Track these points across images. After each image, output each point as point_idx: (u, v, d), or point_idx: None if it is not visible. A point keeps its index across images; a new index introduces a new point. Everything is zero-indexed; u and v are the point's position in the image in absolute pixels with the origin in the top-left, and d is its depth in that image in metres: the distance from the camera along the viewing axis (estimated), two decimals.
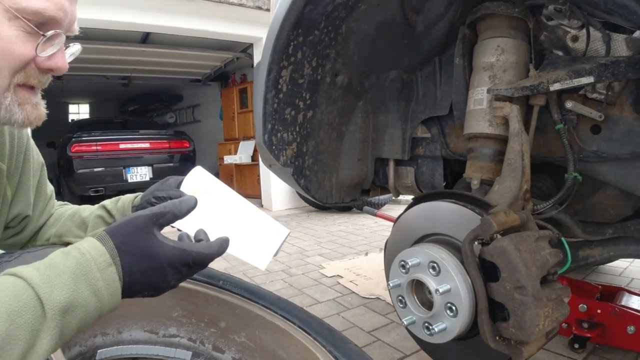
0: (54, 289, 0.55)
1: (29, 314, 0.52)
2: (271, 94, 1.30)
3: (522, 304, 0.82)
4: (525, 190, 1.07)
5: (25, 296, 0.53)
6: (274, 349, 1.14)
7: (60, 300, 0.55)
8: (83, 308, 0.58)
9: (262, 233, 1.01)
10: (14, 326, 0.51)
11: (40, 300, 0.54)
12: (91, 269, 0.59)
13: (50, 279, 0.56)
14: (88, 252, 0.61)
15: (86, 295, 0.58)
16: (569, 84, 1.09)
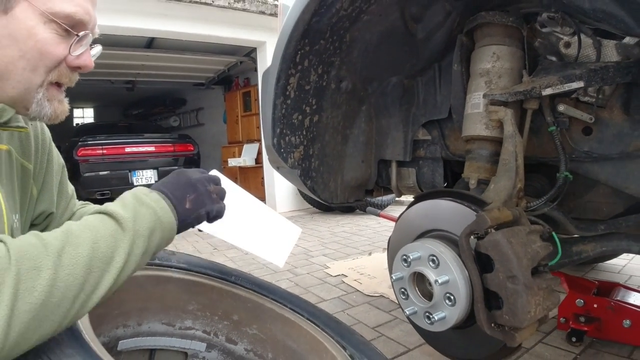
0: (120, 208, 0.74)
1: (106, 226, 0.70)
2: (280, 100, 1.37)
3: (514, 292, 0.90)
4: (519, 189, 1.14)
5: (100, 217, 0.72)
6: (284, 340, 1.21)
7: (128, 213, 0.73)
8: (143, 217, 0.75)
9: (278, 233, 1.10)
10: (99, 234, 0.68)
11: (113, 216, 0.72)
12: (141, 195, 0.79)
13: (116, 204, 0.76)
14: (141, 191, 0.81)
15: (142, 209, 0.76)
16: (560, 88, 1.16)
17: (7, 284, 0.55)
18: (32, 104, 0.81)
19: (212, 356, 1.25)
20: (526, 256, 0.91)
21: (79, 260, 0.63)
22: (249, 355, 1.24)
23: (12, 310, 0.54)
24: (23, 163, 0.97)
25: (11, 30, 0.75)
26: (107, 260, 0.67)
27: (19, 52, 0.76)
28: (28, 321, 0.56)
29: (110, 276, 0.67)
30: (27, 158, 0.99)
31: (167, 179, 0.87)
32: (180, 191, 0.84)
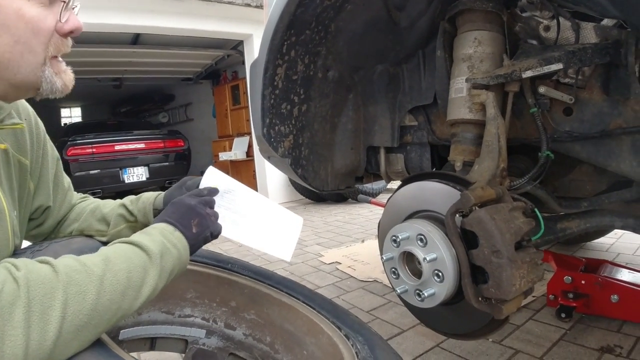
0: (150, 243, 0.80)
1: (139, 257, 0.76)
2: (268, 91, 1.40)
3: (498, 266, 0.94)
4: (502, 169, 1.18)
5: (133, 249, 0.78)
6: (282, 323, 1.25)
7: (157, 249, 0.79)
8: (170, 255, 0.82)
9: (281, 226, 1.13)
10: (132, 265, 0.74)
11: (144, 250, 0.78)
12: (166, 233, 0.85)
13: (146, 239, 0.80)
14: (160, 226, 0.87)
15: (169, 246, 0.82)
16: (540, 70, 1.19)
17: (56, 307, 0.61)
18: (41, 84, 0.83)
19: (211, 342, 1.28)
20: (509, 231, 0.95)
21: (117, 288, 0.70)
22: (248, 340, 1.28)
23: (59, 331, 0.60)
24: (20, 159, 0.98)
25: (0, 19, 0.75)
26: (138, 289, 0.74)
27: (13, 37, 0.76)
28: (70, 341, 0.62)
29: (138, 302, 0.74)
30: (23, 154, 1.00)
31: (169, 210, 0.93)
32: (185, 219, 0.90)
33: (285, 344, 1.23)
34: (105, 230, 1.13)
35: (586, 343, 1.74)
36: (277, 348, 1.24)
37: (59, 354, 0.61)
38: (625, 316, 1.88)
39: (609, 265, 2.09)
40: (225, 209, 1.08)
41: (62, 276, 0.64)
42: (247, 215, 1.10)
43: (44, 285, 0.61)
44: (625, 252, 2.90)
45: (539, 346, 1.74)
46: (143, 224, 1.12)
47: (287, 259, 1.15)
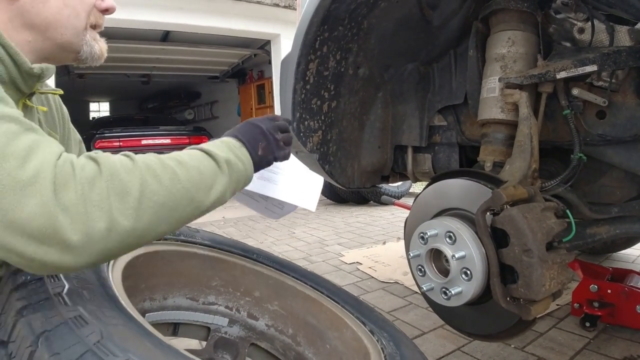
0: (219, 151, 0.83)
1: (208, 162, 0.80)
2: (299, 85, 1.41)
3: (529, 265, 0.93)
4: (533, 170, 1.17)
5: (202, 154, 0.81)
6: (305, 316, 1.25)
7: (224, 158, 0.82)
8: (236, 167, 0.85)
9: (304, 181, 1.17)
10: (203, 166, 0.77)
11: (213, 157, 0.81)
12: (233, 147, 0.88)
13: (213, 148, 0.83)
14: (227, 140, 0.90)
15: (236, 160, 0.85)
16: (574, 72, 1.18)
17: (134, 184, 0.65)
18: (82, 47, 0.90)
19: (233, 331, 1.30)
20: (541, 231, 0.94)
21: (189, 179, 0.74)
22: (270, 331, 1.29)
23: (139, 205, 0.64)
24: (50, 132, 1.04)
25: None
26: (209, 188, 0.77)
27: (63, 1, 0.85)
28: (150, 218, 0.66)
29: (209, 199, 0.77)
30: (53, 128, 1.07)
31: (242, 128, 0.97)
32: (254, 140, 0.94)
33: (307, 337, 1.23)
34: None
35: (609, 353, 1.71)
36: (299, 340, 1.25)
37: (140, 230, 0.64)
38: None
39: (635, 275, 2.05)
40: None
41: (139, 163, 0.69)
42: (273, 172, 1.15)
43: (123, 167, 0.66)
44: None
45: (561, 354, 1.71)
46: None
47: (312, 209, 1.18)
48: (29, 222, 0.56)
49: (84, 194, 0.59)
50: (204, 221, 5.15)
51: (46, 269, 0.60)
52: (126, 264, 0.97)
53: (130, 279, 0.98)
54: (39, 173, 0.58)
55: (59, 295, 0.66)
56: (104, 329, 0.60)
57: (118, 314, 0.68)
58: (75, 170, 0.61)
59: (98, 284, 0.76)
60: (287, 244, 3.75)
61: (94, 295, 0.70)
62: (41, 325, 0.59)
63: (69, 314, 0.62)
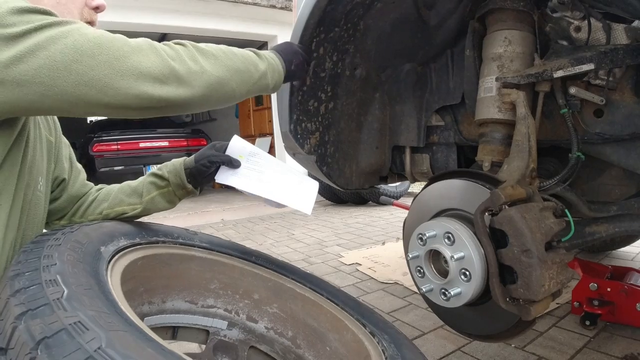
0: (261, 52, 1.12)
1: (251, 53, 1.09)
2: (296, 87, 1.41)
3: (528, 265, 0.92)
4: (531, 169, 1.17)
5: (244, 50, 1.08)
6: (305, 318, 1.25)
7: (263, 54, 1.12)
8: (269, 58, 1.13)
9: (300, 185, 1.24)
10: (246, 54, 1.06)
11: (254, 51, 1.10)
12: (271, 54, 1.16)
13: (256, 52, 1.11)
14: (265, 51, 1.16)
15: (266, 53, 1.14)
16: (571, 70, 1.18)
17: (211, 50, 0.95)
18: None
19: (233, 334, 1.29)
20: (540, 231, 0.94)
21: (243, 57, 1.03)
22: (270, 334, 1.28)
23: (216, 59, 0.95)
24: (47, 136, 1.09)
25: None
26: (255, 65, 1.06)
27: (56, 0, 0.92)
28: (224, 71, 0.95)
29: (257, 74, 1.06)
30: (49, 132, 1.11)
31: (281, 47, 1.24)
32: (290, 57, 1.20)
33: (307, 339, 1.23)
34: (137, 201, 1.21)
35: (610, 351, 1.70)
36: (299, 343, 1.25)
37: (220, 78, 0.94)
38: None
39: (635, 273, 2.05)
40: (251, 169, 1.22)
41: (207, 45, 0.98)
42: (271, 175, 1.23)
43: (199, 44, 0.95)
44: None
45: (562, 353, 1.71)
46: (176, 184, 1.21)
47: (308, 213, 1.25)
48: (153, 69, 0.79)
49: (181, 53, 0.87)
50: (202, 223, 5.15)
51: (170, 104, 0.84)
52: (125, 267, 0.96)
53: (129, 283, 0.98)
54: (144, 42, 0.82)
55: (58, 300, 0.66)
56: (104, 335, 0.59)
57: (118, 320, 0.68)
58: (170, 44, 0.88)
59: (97, 289, 0.75)
60: (286, 245, 3.75)
61: (94, 300, 0.70)
62: (41, 331, 0.59)
63: (68, 319, 0.61)
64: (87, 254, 0.86)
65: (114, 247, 0.98)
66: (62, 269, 0.74)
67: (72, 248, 0.84)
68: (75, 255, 0.82)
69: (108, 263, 0.90)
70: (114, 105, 0.77)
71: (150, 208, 1.22)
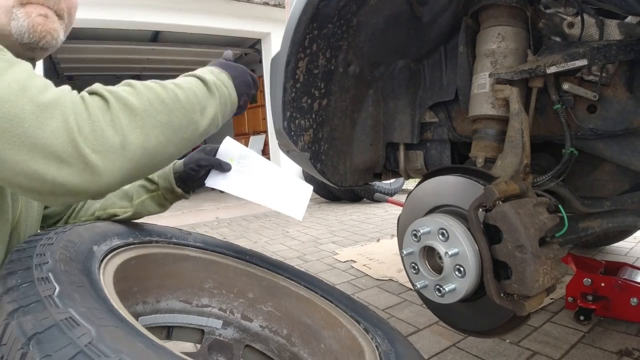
0: (206, 75, 0.91)
1: (200, 85, 0.87)
2: (290, 84, 1.40)
3: (522, 261, 0.92)
4: (525, 165, 1.17)
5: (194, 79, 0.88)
6: (299, 316, 1.25)
7: (211, 79, 0.90)
8: (221, 90, 0.92)
9: (293, 189, 1.20)
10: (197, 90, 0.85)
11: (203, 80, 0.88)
12: (215, 71, 0.95)
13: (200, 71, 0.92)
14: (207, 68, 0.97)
15: (219, 82, 0.92)
16: (564, 66, 1.18)
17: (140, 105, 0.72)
18: (11, 23, 0.83)
19: (228, 333, 1.29)
20: (533, 226, 0.94)
21: (186, 99, 0.80)
22: (265, 332, 1.28)
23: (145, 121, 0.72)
24: None
25: None
26: (203, 110, 0.84)
27: None
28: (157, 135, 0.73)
29: (204, 121, 0.85)
30: None
31: (236, 73, 1.01)
32: (242, 89, 1.01)
33: (302, 337, 1.23)
34: (128, 204, 1.18)
35: (605, 346, 1.71)
36: (294, 341, 1.24)
37: (150, 148, 0.72)
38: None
39: (629, 268, 2.06)
40: (242, 173, 1.19)
41: (140, 86, 0.75)
42: (262, 178, 1.20)
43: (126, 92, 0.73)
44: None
45: (557, 348, 1.72)
46: (165, 188, 1.19)
47: (299, 218, 1.21)
48: (51, 141, 0.59)
49: (97, 116, 0.65)
50: (197, 222, 5.14)
51: (69, 193, 0.64)
52: (118, 267, 0.96)
53: (122, 282, 0.97)
54: (59, 98, 0.63)
55: (49, 297, 0.65)
56: (95, 330, 0.59)
57: (109, 316, 0.67)
58: (85, 99, 0.66)
59: (89, 286, 0.75)
60: (281, 243, 3.74)
61: (85, 297, 0.69)
62: (32, 327, 0.59)
63: (59, 315, 0.61)
64: (79, 253, 0.85)
65: (107, 247, 0.97)
66: (54, 267, 0.74)
67: (65, 247, 0.84)
68: (67, 254, 0.81)
69: (101, 262, 0.90)
70: (7, 182, 0.61)
71: (140, 211, 1.20)
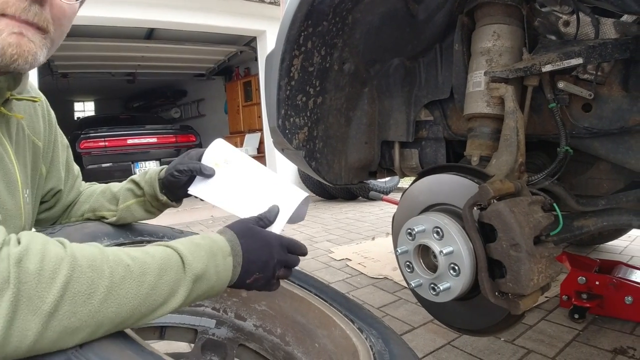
0: (194, 259, 0.68)
1: (173, 273, 0.65)
2: (284, 81, 1.39)
3: (517, 259, 0.92)
4: (520, 163, 1.17)
5: (174, 260, 0.67)
6: (293, 315, 1.24)
7: (197, 269, 0.68)
8: (207, 281, 0.70)
9: (276, 199, 1.04)
10: (162, 281, 0.63)
11: (184, 265, 0.67)
12: (217, 254, 0.73)
13: (192, 252, 0.69)
14: (217, 241, 0.75)
15: (212, 272, 0.71)
16: (560, 65, 1.17)
17: (49, 299, 0.52)
18: None
19: (221, 333, 1.28)
20: (528, 225, 0.94)
21: (130, 300, 0.59)
22: (258, 331, 1.27)
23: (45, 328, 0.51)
24: (34, 140, 1.00)
25: None
26: (153, 309, 0.62)
27: None
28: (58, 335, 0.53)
29: (144, 320, 0.63)
30: (37, 135, 1.01)
31: (253, 245, 0.80)
32: (253, 268, 0.78)
33: (296, 336, 1.22)
34: (115, 208, 1.13)
35: (599, 344, 1.71)
36: (287, 340, 1.23)
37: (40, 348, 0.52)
38: (639, 318, 1.85)
39: (623, 266, 2.07)
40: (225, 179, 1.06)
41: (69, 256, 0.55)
42: (246, 186, 1.05)
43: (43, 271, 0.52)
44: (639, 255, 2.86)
45: (551, 346, 1.72)
46: (150, 195, 1.11)
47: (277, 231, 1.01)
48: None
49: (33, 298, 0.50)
50: (192, 220, 5.12)
51: None
52: None
53: None
54: None
55: None
56: None
57: None
58: None
59: None
60: None
61: None
62: None
63: None
64: None
65: None
66: None
67: None
68: None
69: None
70: None
71: (125, 217, 1.12)
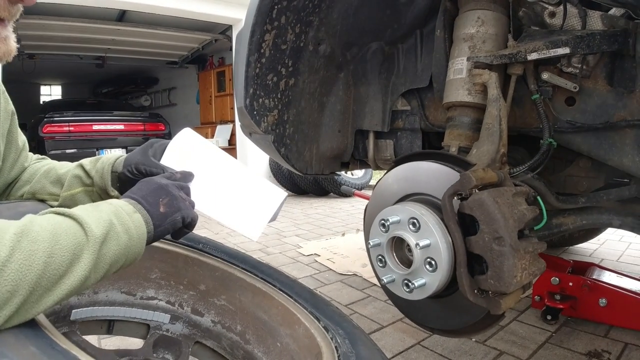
0: (93, 221, 0.65)
1: (71, 237, 0.60)
2: (254, 57, 1.29)
3: (500, 254, 0.84)
4: (502, 154, 1.10)
5: (67, 223, 0.62)
6: (255, 311, 1.14)
7: (100, 229, 0.65)
8: (117, 241, 0.67)
9: (253, 199, 0.97)
10: (58, 246, 0.58)
11: (83, 228, 0.63)
12: (120, 212, 0.71)
13: (91, 215, 0.66)
14: (117, 202, 0.73)
15: (119, 230, 0.68)
16: (546, 53, 1.12)
17: None
18: None
19: (176, 328, 1.18)
20: (512, 217, 0.86)
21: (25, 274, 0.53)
22: (217, 328, 1.18)
23: None
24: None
25: None
26: (56, 279, 0.58)
27: None
28: None
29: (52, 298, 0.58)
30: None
31: (136, 187, 0.81)
32: (153, 196, 0.79)
33: (257, 334, 1.13)
34: (58, 192, 0.99)
35: (573, 347, 1.67)
36: (248, 338, 1.14)
37: None
38: (613, 321, 1.82)
39: (597, 268, 2.05)
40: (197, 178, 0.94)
41: None
42: (217, 185, 0.96)
43: None
44: (609, 258, 2.86)
45: (524, 348, 1.67)
46: (100, 187, 0.98)
47: (254, 238, 0.99)
48: None
49: None
50: None
51: None
52: None
53: None
54: None
55: None
56: None
57: None
58: None
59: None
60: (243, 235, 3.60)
61: None
62: None
63: None
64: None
65: None
66: None
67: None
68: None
69: None
70: None
71: (70, 206, 0.98)
